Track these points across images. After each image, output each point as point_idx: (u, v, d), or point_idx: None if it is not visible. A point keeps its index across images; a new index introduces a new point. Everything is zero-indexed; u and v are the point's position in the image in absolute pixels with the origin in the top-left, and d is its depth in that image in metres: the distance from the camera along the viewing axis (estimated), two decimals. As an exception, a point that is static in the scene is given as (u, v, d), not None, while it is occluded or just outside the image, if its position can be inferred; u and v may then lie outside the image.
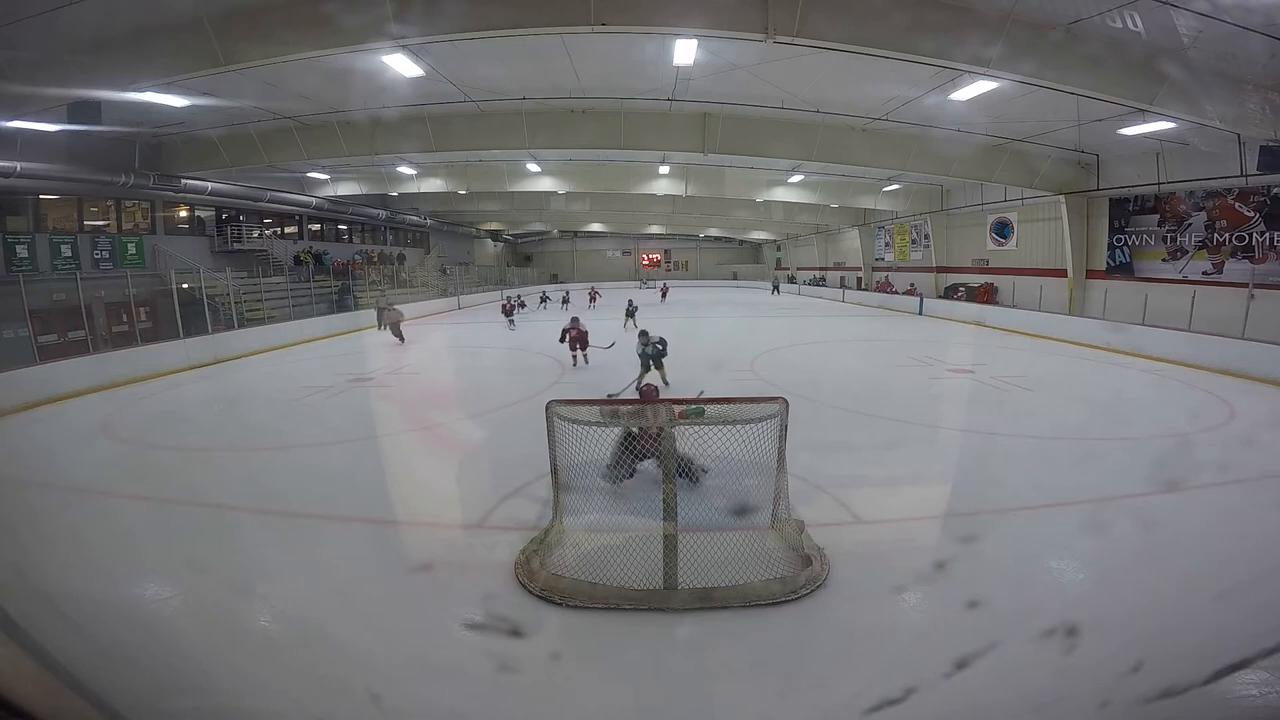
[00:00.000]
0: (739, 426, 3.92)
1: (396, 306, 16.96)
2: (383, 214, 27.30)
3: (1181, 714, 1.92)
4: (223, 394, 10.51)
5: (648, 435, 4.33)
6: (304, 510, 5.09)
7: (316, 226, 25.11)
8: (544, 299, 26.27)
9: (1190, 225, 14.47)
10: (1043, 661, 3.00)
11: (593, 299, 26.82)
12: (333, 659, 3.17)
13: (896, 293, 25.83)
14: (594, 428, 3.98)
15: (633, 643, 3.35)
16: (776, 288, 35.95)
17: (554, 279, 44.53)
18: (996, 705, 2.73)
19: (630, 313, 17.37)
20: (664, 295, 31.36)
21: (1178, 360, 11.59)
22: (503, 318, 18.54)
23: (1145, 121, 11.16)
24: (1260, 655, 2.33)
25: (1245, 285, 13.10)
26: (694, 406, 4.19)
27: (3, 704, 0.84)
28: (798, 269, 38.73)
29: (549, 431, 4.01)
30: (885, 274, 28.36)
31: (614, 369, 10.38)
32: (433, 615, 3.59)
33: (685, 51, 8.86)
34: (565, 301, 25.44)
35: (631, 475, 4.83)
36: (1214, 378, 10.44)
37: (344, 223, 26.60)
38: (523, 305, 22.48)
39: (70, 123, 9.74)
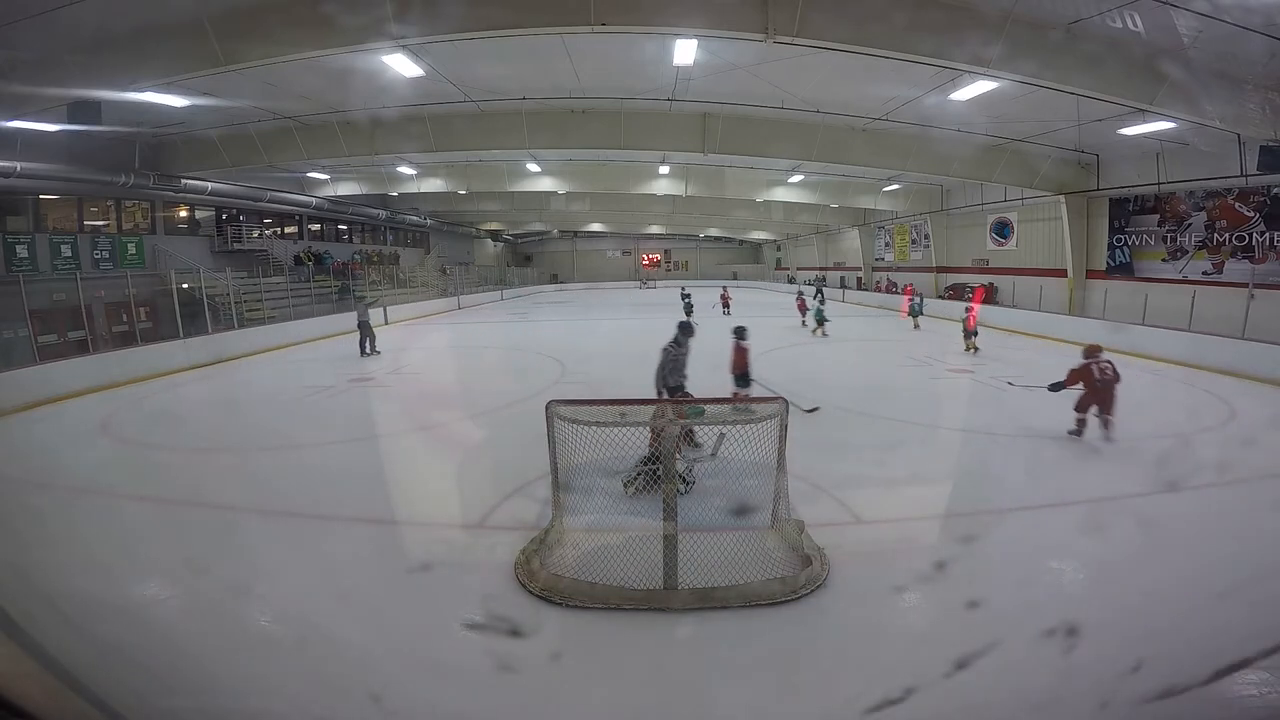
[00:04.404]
0: (739, 426, 3.92)
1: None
2: (382, 214, 27.29)
3: (1181, 714, 1.92)
4: (223, 394, 10.51)
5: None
6: (303, 510, 5.09)
7: (316, 226, 25.11)
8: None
9: (1190, 225, 14.47)
10: (1043, 661, 3.00)
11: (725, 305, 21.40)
12: (333, 659, 3.16)
13: (897, 293, 25.76)
14: (594, 428, 3.98)
15: (633, 643, 3.35)
16: (820, 291, 25.04)
17: (554, 279, 44.60)
18: (996, 705, 2.73)
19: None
20: (726, 305, 22.18)
21: (1178, 360, 11.57)
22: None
23: (1145, 121, 11.15)
24: (1260, 655, 2.32)
25: (1245, 285, 13.09)
26: (694, 406, 4.19)
27: (3, 704, 0.84)
28: (798, 269, 38.65)
29: (549, 431, 4.01)
30: (885, 274, 28.32)
31: (613, 375, 10.31)
32: (433, 615, 3.59)
33: (685, 51, 8.85)
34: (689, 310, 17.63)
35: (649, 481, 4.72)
36: (1214, 378, 10.43)
37: (344, 223, 26.59)
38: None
39: (70, 123, 9.73)
